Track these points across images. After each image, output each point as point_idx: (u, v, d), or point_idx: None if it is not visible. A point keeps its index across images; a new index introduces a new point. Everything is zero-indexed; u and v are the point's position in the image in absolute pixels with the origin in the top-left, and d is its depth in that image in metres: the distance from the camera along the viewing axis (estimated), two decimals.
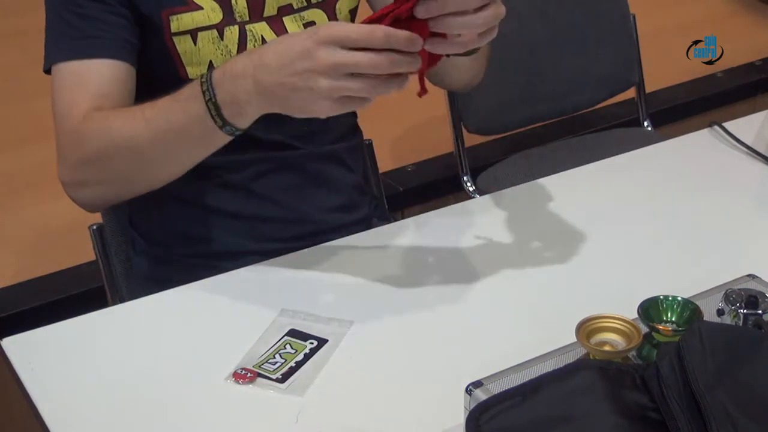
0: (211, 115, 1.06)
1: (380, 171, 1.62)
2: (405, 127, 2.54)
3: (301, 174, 1.34)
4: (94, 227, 1.43)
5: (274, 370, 1.03)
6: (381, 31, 0.93)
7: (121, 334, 1.12)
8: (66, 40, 1.20)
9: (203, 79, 1.06)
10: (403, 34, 0.93)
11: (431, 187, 2.36)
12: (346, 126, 1.42)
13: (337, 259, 1.24)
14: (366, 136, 1.50)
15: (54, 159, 1.23)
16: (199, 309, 1.15)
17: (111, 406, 1.00)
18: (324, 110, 0.99)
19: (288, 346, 1.07)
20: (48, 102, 1.22)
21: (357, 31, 0.94)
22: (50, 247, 2.13)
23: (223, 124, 1.07)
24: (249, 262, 1.22)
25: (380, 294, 1.16)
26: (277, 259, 1.23)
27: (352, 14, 1.36)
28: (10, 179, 2.36)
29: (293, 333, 1.09)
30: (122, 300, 1.40)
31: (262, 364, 1.04)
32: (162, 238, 1.36)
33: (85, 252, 1.54)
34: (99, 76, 1.19)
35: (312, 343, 1.07)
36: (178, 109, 1.10)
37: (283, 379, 1.02)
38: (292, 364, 1.04)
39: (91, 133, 1.16)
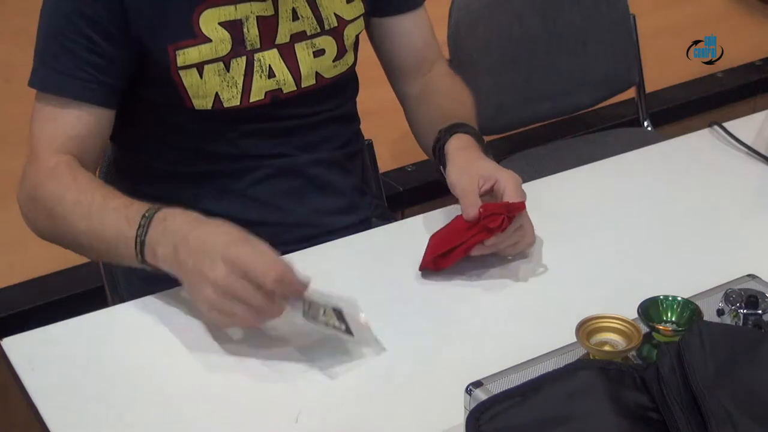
0: (135, 248, 1.10)
1: (380, 171, 1.61)
2: (405, 127, 2.52)
3: (301, 179, 1.34)
4: None
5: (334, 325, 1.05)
6: (273, 276, 1.01)
7: (121, 334, 1.12)
8: (50, 71, 1.22)
9: (146, 213, 1.10)
10: (292, 286, 1.04)
11: (431, 187, 2.35)
12: (350, 133, 1.42)
13: (337, 259, 1.24)
14: (366, 136, 1.50)
15: None
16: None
17: (111, 406, 1.00)
18: (204, 306, 1.05)
19: (323, 311, 1.06)
20: None
21: (256, 270, 1.01)
22: (50, 247, 2.12)
23: (142, 260, 1.11)
24: None
25: (380, 294, 1.16)
26: None
27: (357, 38, 1.37)
28: (10, 179, 2.35)
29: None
30: (122, 300, 1.40)
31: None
32: None
33: None
34: (76, 120, 1.22)
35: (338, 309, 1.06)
36: (115, 223, 1.13)
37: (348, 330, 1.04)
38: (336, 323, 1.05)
39: (47, 191, 1.20)
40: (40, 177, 1.22)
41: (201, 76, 1.23)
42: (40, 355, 1.07)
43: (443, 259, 1.17)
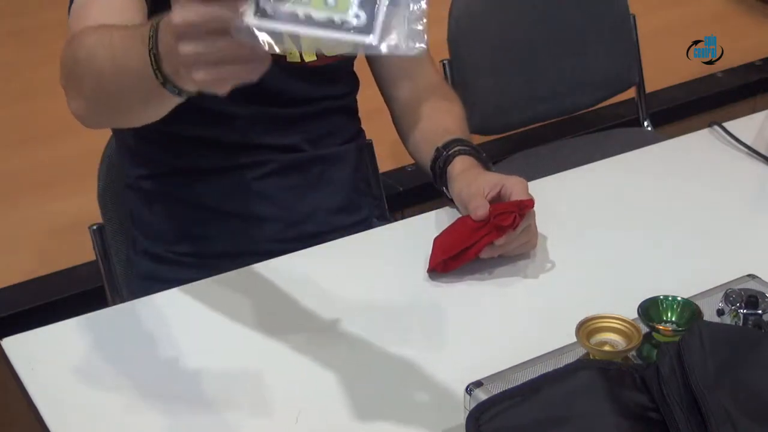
0: (152, 67, 0.88)
1: (380, 171, 1.61)
2: None
3: (305, 175, 1.35)
4: (94, 227, 1.43)
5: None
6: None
7: (121, 334, 1.12)
8: None
9: (155, 22, 0.87)
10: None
11: (431, 187, 2.35)
12: (353, 130, 1.43)
13: (337, 259, 1.24)
14: (366, 136, 1.50)
15: (53, 160, 1.23)
16: (199, 309, 1.15)
17: (111, 406, 1.00)
18: (193, 72, 0.81)
19: None
20: (48, 102, 1.22)
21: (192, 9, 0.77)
22: (50, 247, 2.13)
23: (164, 81, 0.88)
24: (250, 262, 1.22)
25: (379, 294, 1.16)
26: (277, 259, 1.23)
27: None
28: (11, 179, 2.36)
29: None
30: (122, 300, 1.40)
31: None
32: (163, 237, 1.36)
33: (85, 252, 1.54)
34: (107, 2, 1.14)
35: None
36: (133, 47, 0.92)
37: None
38: None
39: (74, 44, 1.07)
40: (69, 40, 1.08)
41: None
42: (40, 355, 1.07)
43: (453, 261, 1.17)
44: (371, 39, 0.67)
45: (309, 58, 1.31)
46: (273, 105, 1.32)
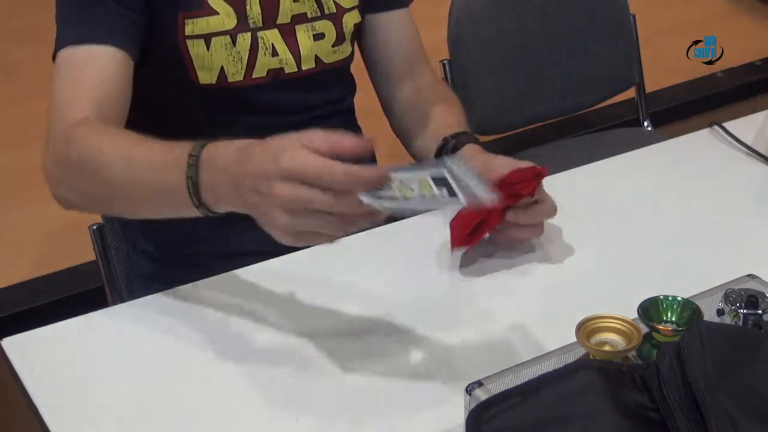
0: (189, 192, 0.99)
1: None
2: None
3: None
4: (94, 227, 1.43)
5: None
6: (340, 170, 0.87)
7: (121, 334, 1.12)
8: (74, 24, 1.19)
9: (193, 152, 0.98)
10: (367, 174, 0.87)
11: None
12: (354, 130, 1.44)
13: (338, 258, 1.24)
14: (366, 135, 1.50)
15: None
16: (200, 309, 1.14)
17: (111, 406, 1.00)
18: (282, 236, 0.92)
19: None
20: (48, 102, 1.22)
21: (318, 171, 0.87)
22: (50, 247, 2.13)
23: (199, 204, 1.00)
24: (250, 262, 1.22)
25: (380, 294, 1.16)
26: (277, 258, 1.23)
27: (357, 27, 1.38)
28: (11, 179, 2.36)
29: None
30: (122, 300, 1.40)
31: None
32: (163, 236, 1.36)
33: (85, 252, 1.54)
34: (102, 68, 1.17)
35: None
36: (161, 169, 1.02)
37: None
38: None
39: (78, 144, 1.11)
40: (69, 133, 1.12)
41: (208, 48, 1.24)
42: (40, 355, 1.07)
43: (473, 236, 1.18)
44: (461, 199, 0.88)
45: (307, 65, 1.32)
46: (272, 114, 1.32)
